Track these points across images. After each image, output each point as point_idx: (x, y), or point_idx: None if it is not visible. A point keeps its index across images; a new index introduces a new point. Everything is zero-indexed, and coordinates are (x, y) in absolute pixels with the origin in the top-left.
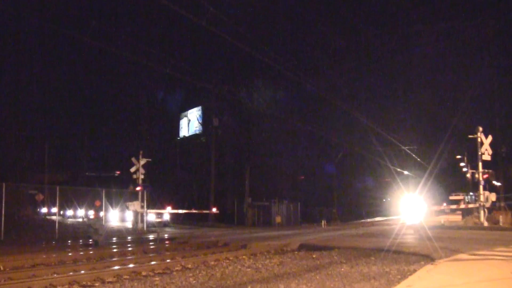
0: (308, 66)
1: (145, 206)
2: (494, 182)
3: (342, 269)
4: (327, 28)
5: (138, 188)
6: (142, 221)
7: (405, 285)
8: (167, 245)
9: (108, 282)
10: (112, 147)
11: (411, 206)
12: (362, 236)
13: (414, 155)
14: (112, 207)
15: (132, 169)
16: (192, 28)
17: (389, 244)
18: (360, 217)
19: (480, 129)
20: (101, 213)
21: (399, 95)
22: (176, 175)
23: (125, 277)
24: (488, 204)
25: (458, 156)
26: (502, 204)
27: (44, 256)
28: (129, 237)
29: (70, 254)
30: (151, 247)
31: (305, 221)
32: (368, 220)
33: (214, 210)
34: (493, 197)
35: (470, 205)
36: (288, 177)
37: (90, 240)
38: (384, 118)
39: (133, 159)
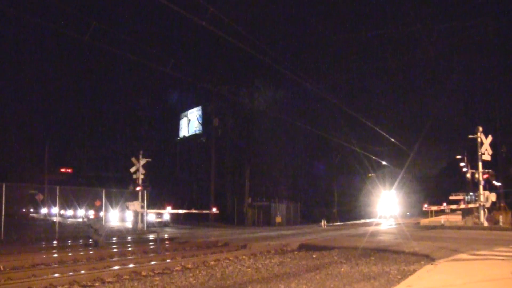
0: (308, 66)
1: (145, 206)
2: (494, 182)
3: (342, 269)
4: (327, 28)
5: (138, 188)
6: (142, 221)
7: (405, 285)
8: (167, 245)
9: (108, 282)
10: (112, 147)
11: (391, 205)
12: (361, 236)
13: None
14: (112, 207)
15: (132, 169)
16: (192, 28)
17: (388, 244)
18: (360, 217)
19: (480, 129)
20: (101, 213)
21: (398, 94)
22: (176, 175)
23: (125, 277)
24: (488, 204)
25: (458, 156)
26: (502, 204)
27: (44, 256)
28: (129, 237)
29: (70, 254)
30: (151, 247)
31: (305, 221)
32: (368, 220)
33: (214, 210)
34: (493, 197)
35: (470, 205)
36: (288, 177)
37: (90, 240)
38: (383, 117)
39: (133, 159)
